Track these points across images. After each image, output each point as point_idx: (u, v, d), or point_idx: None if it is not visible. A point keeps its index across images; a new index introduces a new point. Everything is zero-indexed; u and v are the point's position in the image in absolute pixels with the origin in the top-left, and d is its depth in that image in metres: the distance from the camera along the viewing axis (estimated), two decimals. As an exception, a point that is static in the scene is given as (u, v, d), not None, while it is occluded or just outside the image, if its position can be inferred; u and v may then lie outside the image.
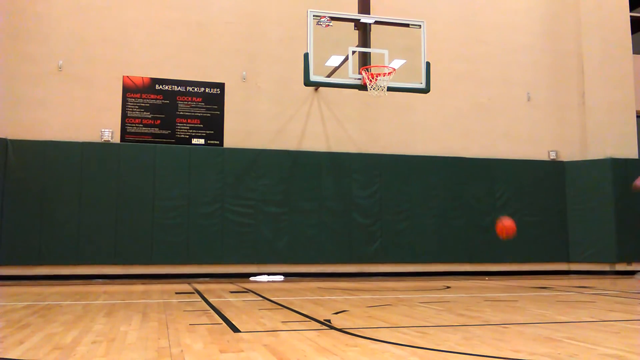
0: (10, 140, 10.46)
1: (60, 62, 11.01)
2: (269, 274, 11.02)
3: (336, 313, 5.24)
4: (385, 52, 9.33)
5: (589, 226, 12.59)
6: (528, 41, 13.50)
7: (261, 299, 6.77)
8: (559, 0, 13.79)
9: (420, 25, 9.56)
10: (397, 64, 10.11)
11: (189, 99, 11.50)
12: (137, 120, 11.22)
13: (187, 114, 11.45)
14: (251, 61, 11.91)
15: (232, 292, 7.80)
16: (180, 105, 11.45)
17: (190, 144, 11.40)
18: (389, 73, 9.16)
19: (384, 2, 11.56)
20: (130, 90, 11.26)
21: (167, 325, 4.45)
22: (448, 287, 8.71)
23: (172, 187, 11.01)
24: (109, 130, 11.04)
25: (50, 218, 10.40)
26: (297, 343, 3.61)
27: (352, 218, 11.75)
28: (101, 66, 11.19)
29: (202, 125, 11.50)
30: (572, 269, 12.79)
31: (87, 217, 10.59)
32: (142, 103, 11.28)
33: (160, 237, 10.85)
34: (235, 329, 4.23)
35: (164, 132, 11.33)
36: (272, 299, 6.70)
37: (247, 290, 8.04)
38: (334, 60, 10.55)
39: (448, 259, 12.17)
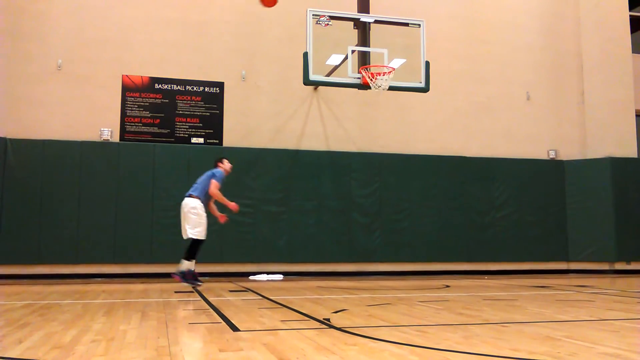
0: (10, 139, 10.45)
1: (60, 61, 11.00)
2: (268, 273, 11.01)
3: (335, 312, 5.24)
4: (385, 51, 9.33)
5: (588, 225, 12.60)
6: (527, 40, 13.51)
7: (260, 298, 6.77)
8: (559, 0, 13.80)
9: (419, 25, 9.56)
10: (396, 63, 10.11)
11: (188, 98, 11.50)
12: (136, 120, 11.21)
13: (186, 113, 11.45)
14: (250, 60, 11.91)
15: (231, 291, 7.80)
16: (180, 104, 11.44)
17: (190, 143, 11.39)
18: (388, 72, 9.16)
19: (383, 1, 11.54)
20: (129, 89, 11.25)
21: (166, 324, 4.45)
22: (447, 286, 8.71)
23: (171, 186, 10.99)
24: (108, 130, 11.04)
25: (49, 217, 10.40)
26: (297, 342, 3.61)
27: (352, 217, 11.75)
28: (100, 65, 11.18)
29: (201, 125, 11.50)
30: (571, 268, 12.80)
31: (86, 216, 10.58)
32: (142, 102, 11.27)
33: (160, 236, 10.84)
34: (235, 328, 4.23)
35: (163, 131, 11.32)
36: (271, 298, 6.70)
37: (247, 289, 8.04)
38: (334, 60, 10.55)
39: (447, 258, 12.17)
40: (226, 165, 8.91)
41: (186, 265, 8.37)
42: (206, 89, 11.60)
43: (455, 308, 5.63)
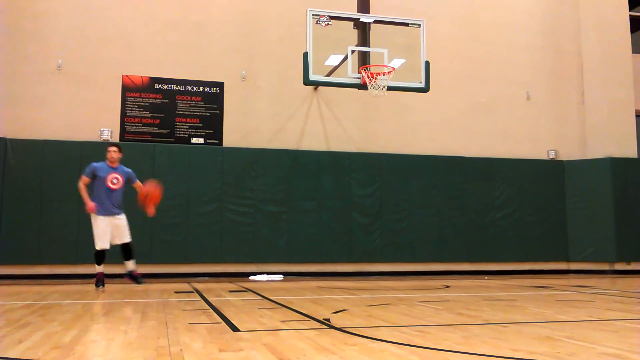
0: (10, 139, 10.46)
1: (60, 61, 11.01)
2: (268, 273, 11.02)
3: (335, 312, 5.24)
4: (385, 51, 9.34)
5: (588, 225, 12.60)
6: (527, 40, 13.51)
7: (260, 298, 6.77)
8: (559, 0, 13.81)
9: (419, 24, 9.57)
10: (396, 63, 10.11)
11: (189, 98, 11.50)
12: (136, 120, 11.22)
13: (186, 113, 11.45)
14: (250, 60, 11.91)
15: (231, 291, 7.80)
16: (180, 104, 11.45)
17: (190, 143, 11.40)
18: (388, 72, 9.17)
19: (383, 1, 11.55)
20: (129, 89, 11.25)
21: (166, 324, 4.45)
22: (447, 287, 8.71)
23: (171, 187, 10.98)
24: (108, 130, 11.04)
25: (49, 217, 10.40)
26: (297, 342, 3.61)
27: (352, 217, 11.75)
28: (100, 65, 11.18)
29: (201, 125, 11.50)
30: (571, 268, 12.80)
31: (86, 216, 10.53)
32: (142, 102, 11.27)
33: (160, 236, 10.85)
34: (235, 328, 4.23)
35: (163, 131, 11.32)
36: (271, 298, 6.70)
37: (247, 290, 8.04)
38: (334, 60, 10.55)
39: (447, 258, 12.18)
40: (107, 154, 8.19)
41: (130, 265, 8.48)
42: (206, 89, 11.61)
43: (455, 308, 5.63)
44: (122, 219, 8.37)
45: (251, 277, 10.85)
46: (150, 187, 8.27)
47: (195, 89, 11.55)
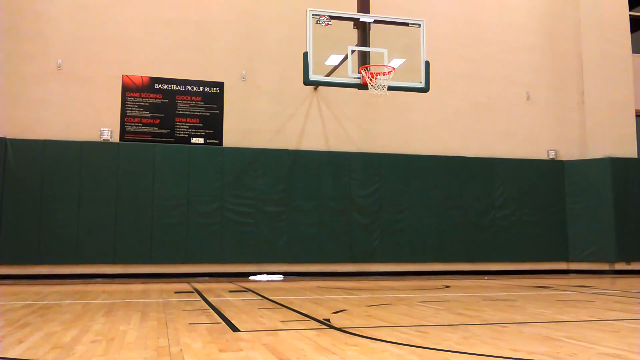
0: (10, 139, 10.46)
1: (60, 61, 11.01)
2: (268, 273, 11.02)
3: (335, 312, 5.24)
4: (385, 51, 9.34)
5: (588, 225, 12.60)
6: (528, 40, 13.51)
7: (260, 298, 6.77)
8: (559, 0, 13.81)
9: (419, 24, 9.56)
10: (396, 63, 10.12)
11: (188, 98, 11.50)
12: (136, 120, 11.22)
13: (186, 113, 11.45)
14: (250, 60, 11.91)
15: (231, 291, 7.80)
16: (180, 104, 11.44)
17: (190, 143, 11.39)
18: (388, 72, 9.16)
19: (383, 1, 11.55)
20: (129, 89, 11.25)
21: (166, 324, 4.45)
22: (447, 287, 8.71)
23: (171, 187, 11.01)
24: (108, 130, 11.04)
25: (49, 217, 10.40)
26: (297, 342, 3.61)
27: (352, 217, 11.75)
28: (100, 65, 11.18)
29: (201, 125, 11.50)
30: (571, 268, 12.80)
31: (86, 216, 10.58)
32: (142, 102, 11.27)
33: (160, 236, 10.85)
34: (235, 328, 4.23)
35: (163, 131, 11.32)
36: (271, 298, 6.70)
37: (247, 290, 8.04)
38: (334, 60, 10.55)
39: (447, 258, 12.18)
40: None
41: None
42: (206, 89, 11.60)
43: (455, 308, 5.63)
44: None
45: (251, 277, 10.85)
46: None
47: (195, 89, 11.55)
